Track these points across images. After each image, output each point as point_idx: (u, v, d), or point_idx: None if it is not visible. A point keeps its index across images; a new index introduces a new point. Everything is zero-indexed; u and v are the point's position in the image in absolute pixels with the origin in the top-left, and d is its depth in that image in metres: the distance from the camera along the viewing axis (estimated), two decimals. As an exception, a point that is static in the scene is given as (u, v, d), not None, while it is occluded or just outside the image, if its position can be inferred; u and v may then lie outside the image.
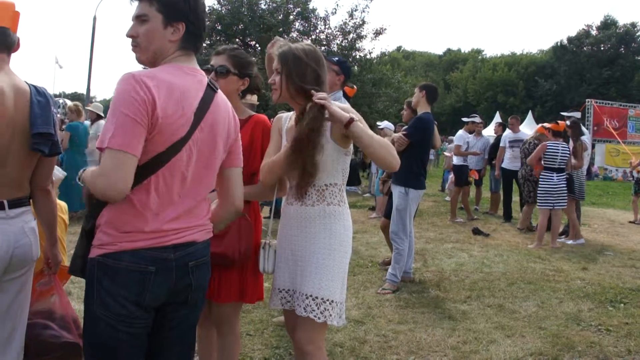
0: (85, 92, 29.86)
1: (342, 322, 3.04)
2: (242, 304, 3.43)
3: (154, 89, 2.12)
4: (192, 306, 2.42)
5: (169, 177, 2.21)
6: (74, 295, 5.77)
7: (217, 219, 2.52)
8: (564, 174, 9.45)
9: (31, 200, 2.88)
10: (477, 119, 13.07)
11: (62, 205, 4.39)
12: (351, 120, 2.78)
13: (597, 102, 28.71)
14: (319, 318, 2.94)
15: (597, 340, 5.02)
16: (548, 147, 9.36)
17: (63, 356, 3.21)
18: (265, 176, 3.07)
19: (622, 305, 6.11)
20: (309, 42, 3.13)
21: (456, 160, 12.33)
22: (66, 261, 4.42)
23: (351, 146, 3.08)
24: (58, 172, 4.26)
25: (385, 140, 2.91)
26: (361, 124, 2.84)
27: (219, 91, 2.44)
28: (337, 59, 5.30)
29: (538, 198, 9.69)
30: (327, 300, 2.97)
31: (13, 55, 2.76)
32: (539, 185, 9.56)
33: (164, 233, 2.22)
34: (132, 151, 2.06)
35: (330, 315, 2.96)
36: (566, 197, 9.52)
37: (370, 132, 2.86)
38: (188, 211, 2.30)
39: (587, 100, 29.23)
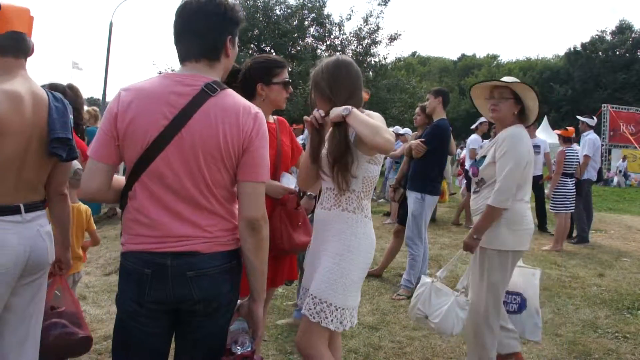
0: (101, 97, 30.04)
1: (341, 327, 3.04)
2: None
3: (123, 98, 2.31)
4: (206, 316, 2.39)
5: (152, 184, 2.29)
6: (89, 300, 5.82)
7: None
8: (574, 179, 9.71)
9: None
10: (483, 118, 12.97)
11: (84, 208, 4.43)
12: (346, 115, 2.87)
13: (613, 107, 28.55)
14: (313, 317, 3.00)
15: (614, 347, 4.99)
16: (566, 153, 9.44)
17: (79, 351, 3.45)
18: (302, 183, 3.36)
19: (639, 312, 6.05)
20: (338, 54, 3.22)
21: (469, 165, 12.22)
22: (81, 268, 4.47)
23: (379, 156, 3.09)
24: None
25: (376, 124, 2.85)
26: (358, 114, 2.87)
27: (220, 99, 2.31)
28: None
29: (554, 204, 9.69)
30: (325, 302, 3.01)
31: (30, 59, 2.79)
32: (555, 191, 9.60)
33: (162, 239, 2.29)
34: (99, 158, 2.33)
35: (327, 317, 3.00)
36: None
37: (366, 119, 2.85)
38: (187, 220, 2.31)
39: (603, 105, 29.07)
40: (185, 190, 2.29)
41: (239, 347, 2.42)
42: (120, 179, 2.43)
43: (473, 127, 12.60)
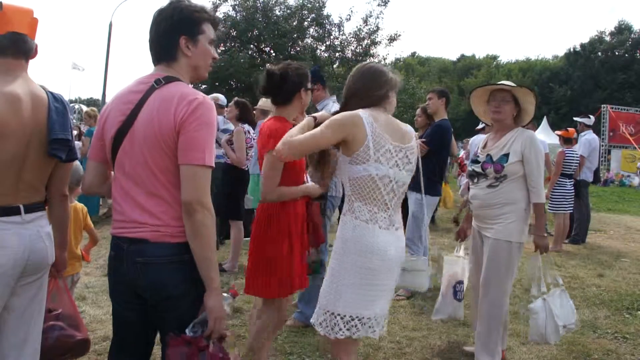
0: (100, 98, 30.05)
1: (332, 333, 3.05)
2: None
3: (107, 104, 2.67)
4: (157, 304, 2.51)
5: (118, 173, 2.56)
6: (88, 300, 5.82)
7: None
8: (573, 179, 9.78)
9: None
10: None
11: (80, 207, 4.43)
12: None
13: (612, 108, 28.52)
14: (312, 321, 3.14)
15: (614, 348, 4.99)
16: (566, 154, 9.47)
17: (77, 353, 3.43)
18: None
19: (638, 312, 6.06)
20: (370, 61, 3.39)
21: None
22: (79, 269, 4.47)
23: (358, 155, 3.03)
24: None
25: (295, 130, 3.11)
26: (301, 123, 3.19)
27: (162, 90, 2.48)
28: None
29: (553, 204, 9.70)
30: (317, 303, 3.12)
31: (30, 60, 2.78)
32: (554, 192, 9.62)
33: (124, 223, 2.52)
34: (89, 157, 2.73)
35: (317, 319, 3.10)
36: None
37: (299, 131, 3.09)
38: (141, 206, 2.47)
39: (602, 105, 29.07)
40: (139, 177, 2.48)
41: (187, 331, 2.44)
42: None
43: (479, 127, 12.61)
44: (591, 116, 11.22)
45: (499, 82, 4.45)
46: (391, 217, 3.10)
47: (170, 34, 2.55)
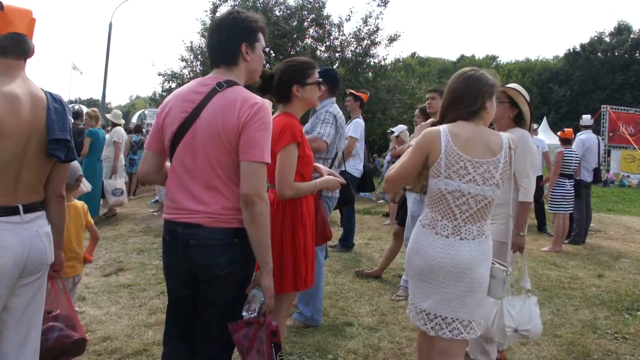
0: (100, 98, 30.01)
1: (411, 317, 3.37)
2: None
3: (165, 100, 2.92)
4: (206, 282, 2.78)
5: (176, 165, 2.81)
6: (88, 301, 5.81)
7: None
8: (573, 180, 9.83)
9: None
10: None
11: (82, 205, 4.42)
12: None
13: (612, 108, 28.49)
14: None
15: (614, 348, 4.99)
16: (565, 154, 9.51)
17: (74, 353, 3.49)
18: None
19: (638, 312, 6.06)
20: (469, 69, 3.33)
21: None
22: (81, 270, 4.47)
23: (433, 169, 3.15)
24: (84, 187, 4.34)
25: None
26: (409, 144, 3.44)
27: (225, 93, 2.74)
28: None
29: (553, 204, 9.74)
30: None
31: (30, 60, 2.79)
32: (553, 191, 9.67)
33: (178, 210, 2.79)
34: (147, 147, 3.01)
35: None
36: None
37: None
38: (195, 197, 2.74)
39: (602, 106, 29.04)
40: (197, 170, 2.74)
41: (244, 313, 2.78)
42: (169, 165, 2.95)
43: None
44: (584, 116, 11.24)
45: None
46: (458, 227, 3.14)
47: (232, 41, 2.84)
